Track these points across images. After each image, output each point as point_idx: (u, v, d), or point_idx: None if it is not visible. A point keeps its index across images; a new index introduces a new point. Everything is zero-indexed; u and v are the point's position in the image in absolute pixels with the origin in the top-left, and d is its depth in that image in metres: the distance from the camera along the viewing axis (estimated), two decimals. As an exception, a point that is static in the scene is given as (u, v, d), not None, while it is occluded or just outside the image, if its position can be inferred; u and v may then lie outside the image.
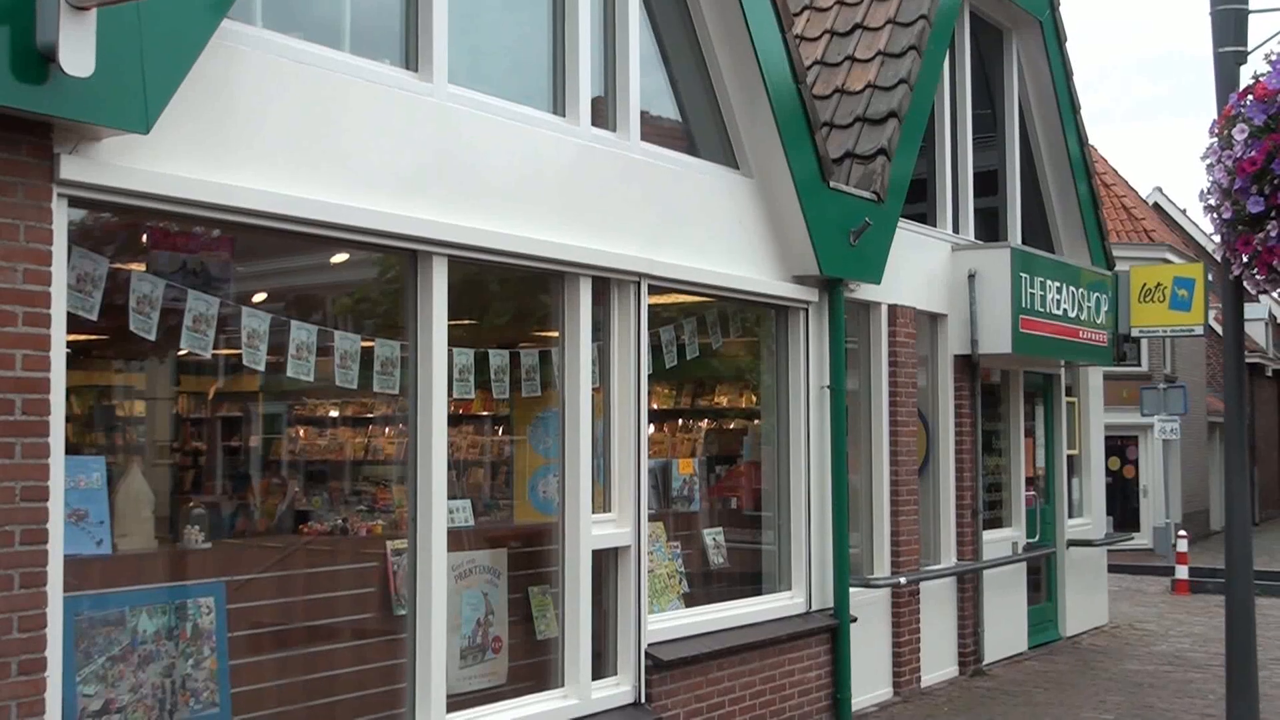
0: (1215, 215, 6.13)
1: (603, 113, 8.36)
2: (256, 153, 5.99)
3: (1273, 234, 5.78)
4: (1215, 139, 6.10)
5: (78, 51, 4.75)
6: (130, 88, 5.14)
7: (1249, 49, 6.55)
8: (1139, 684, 11.74)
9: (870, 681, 10.49)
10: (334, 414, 7.69)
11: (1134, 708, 10.64)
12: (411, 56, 7.03)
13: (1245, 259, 6.04)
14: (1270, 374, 40.31)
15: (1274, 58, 5.89)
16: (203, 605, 6.03)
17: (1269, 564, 22.58)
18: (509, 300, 8.31)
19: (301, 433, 7.56)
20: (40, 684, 5.01)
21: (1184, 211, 37.04)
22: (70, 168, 5.16)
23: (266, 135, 6.05)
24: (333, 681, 6.61)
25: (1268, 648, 12.41)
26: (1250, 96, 5.89)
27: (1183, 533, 20.57)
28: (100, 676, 5.54)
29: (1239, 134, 5.87)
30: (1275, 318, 41.13)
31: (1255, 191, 5.81)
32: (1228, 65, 6.53)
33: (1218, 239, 6.27)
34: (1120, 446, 27.63)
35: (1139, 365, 26.95)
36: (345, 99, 6.47)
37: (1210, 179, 6.11)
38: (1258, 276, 6.10)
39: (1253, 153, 5.79)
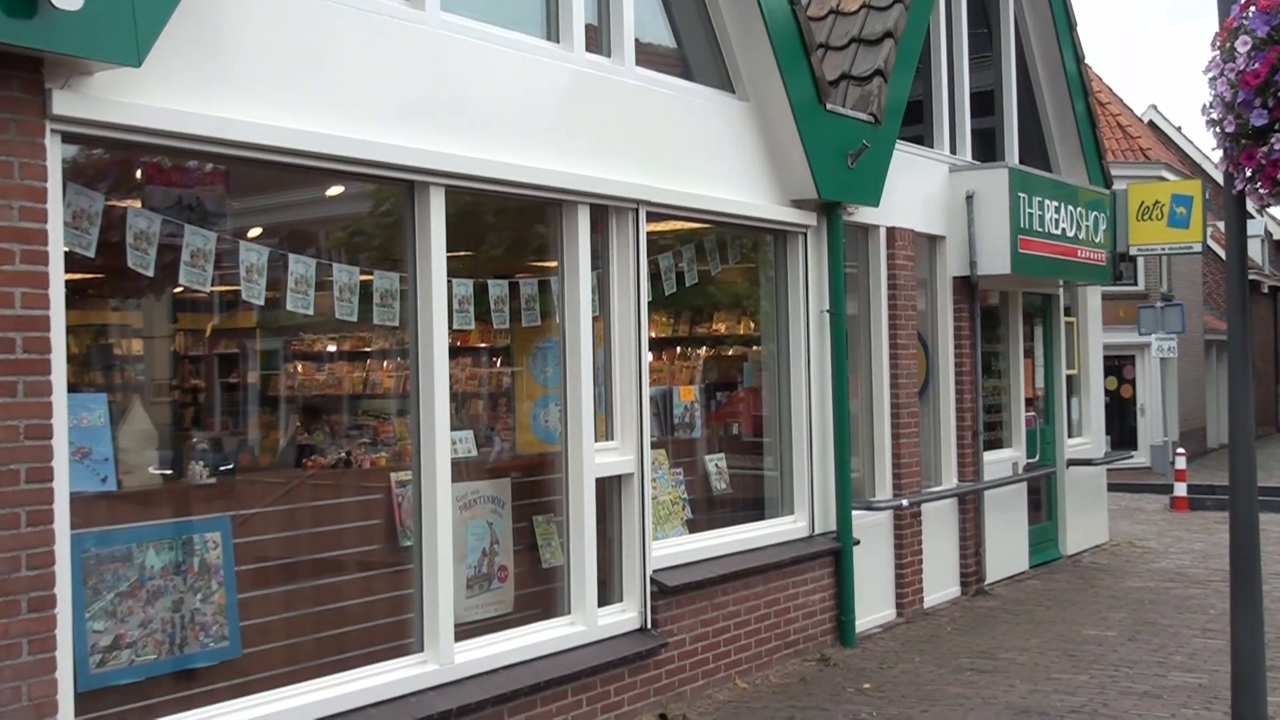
0: (1218, 129, 6.06)
1: (597, 39, 8.28)
2: (249, 85, 5.94)
3: (1277, 147, 5.72)
4: (1217, 52, 6.03)
5: (66, -17, 4.69)
6: (120, 20, 5.08)
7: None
8: (1140, 600, 11.85)
9: (874, 603, 10.59)
10: (334, 348, 7.68)
11: (1136, 624, 10.75)
12: (403, -16, 6.95)
13: (1249, 173, 5.98)
14: (1266, 290, 40.37)
15: (1277, -32, 5.81)
16: (209, 540, 6.06)
17: (1265, 480, 22.73)
18: (507, 230, 8.27)
19: (302, 367, 7.56)
20: (50, 621, 5.04)
21: (1179, 129, 36.88)
22: (62, 103, 5.12)
23: (259, 67, 5.99)
24: (341, 613, 6.66)
25: (1267, 562, 12.49)
26: (1253, 8, 5.81)
27: (1180, 450, 20.68)
28: (110, 612, 5.58)
29: (1242, 46, 5.80)
30: (1271, 235, 41.11)
31: (1259, 104, 5.74)
32: (1230, -24, 6.44)
33: (1220, 154, 6.21)
34: (1117, 366, 27.71)
35: (1136, 284, 26.96)
36: (337, 29, 6.39)
37: (1213, 93, 6.05)
38: (1261, 190, 6.04)
39: (1256, 65, 5.72)
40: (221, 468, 6.54)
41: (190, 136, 5.68)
